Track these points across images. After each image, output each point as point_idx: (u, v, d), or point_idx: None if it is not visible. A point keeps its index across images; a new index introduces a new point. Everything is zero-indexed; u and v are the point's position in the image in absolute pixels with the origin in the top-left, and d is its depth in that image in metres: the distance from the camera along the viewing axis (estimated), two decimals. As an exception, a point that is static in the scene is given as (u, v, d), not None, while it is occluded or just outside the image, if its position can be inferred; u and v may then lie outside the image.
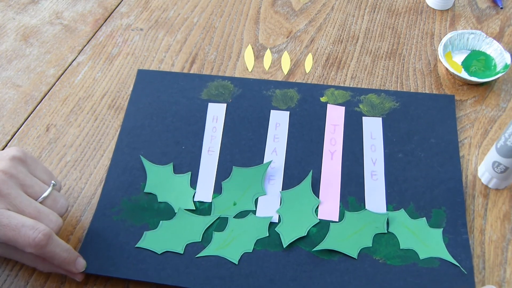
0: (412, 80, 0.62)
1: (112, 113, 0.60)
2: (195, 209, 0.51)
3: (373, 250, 0.48)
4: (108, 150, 0.57)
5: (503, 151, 0.48)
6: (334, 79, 0.62)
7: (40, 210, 0.42)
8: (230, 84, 0.61)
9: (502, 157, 0.48)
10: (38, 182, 0.44)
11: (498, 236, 0.49)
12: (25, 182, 0.42)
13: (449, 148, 0.55)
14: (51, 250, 0.41)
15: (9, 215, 0.40)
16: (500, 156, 0.49)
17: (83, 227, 0.50)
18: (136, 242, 0.49)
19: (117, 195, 0.52)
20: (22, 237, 0.39)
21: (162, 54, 0.67)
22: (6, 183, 0.41)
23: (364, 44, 0.67)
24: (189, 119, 0.58)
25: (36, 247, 0.40)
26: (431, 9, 0.71)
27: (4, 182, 0.40)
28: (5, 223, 0.39)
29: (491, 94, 0.60)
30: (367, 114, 0.58)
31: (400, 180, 0.52)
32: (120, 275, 0.46)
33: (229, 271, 0.46)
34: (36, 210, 0.42)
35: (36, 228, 0.40)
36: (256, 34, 0.69)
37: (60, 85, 0.64)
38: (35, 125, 0.59)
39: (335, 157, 0.54)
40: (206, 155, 0.55)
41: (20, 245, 0.40)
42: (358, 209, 0.51)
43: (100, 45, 0.68)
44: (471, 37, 0.64)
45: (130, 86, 0.63)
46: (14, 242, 0.40)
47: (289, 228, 0.49)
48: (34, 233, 0.40)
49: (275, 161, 0.54)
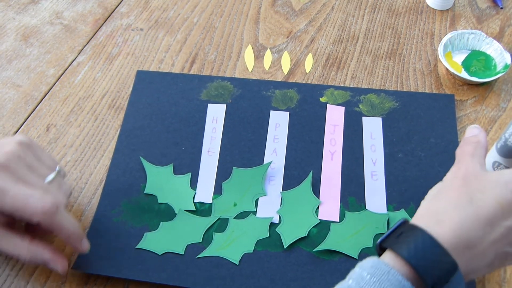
0: (412, 80, 0.62)
1: (112, 113, 0.60)
2: (196, 210, 0.51)
3: (373, 251, 0.48)
4: (108, 150, 0.57)
5: (503, 151, 0.48)
6: (334, 79, 0.62)
7: (47, 188, 0.43)
8: (230, 85, 0.61)
9: (502, 157, 0.48)
10: (43, 167, 0.44)
11: (498, 237, 0.49)
12: (32, 164, 0.43)
13: (449, 148, 0.55)
14: (59, 221, 0.41)
15: (19, 187, 0.40)
16: (500, 156, 0.49)
17: (83, 227, 0.50)
18: (136, 243, 0.49)
19: (117, 197, 0.52)
20: (30, 206, 0.40)
21: (162, 54, 0.67)
22: (14, 161, 0.41)
23: (364, 44, 0.67)
24: (188, 120, 0.58)
25: (45, 214, 0.40)
26: (431, 9, 0.71)
27: (12, 160, 0.41)
28: (14, 193, 0.40)
29: (491, 94, 0.60)
30: (367, 114, 0.58)
31: (400, 180, 0.52)
32: (121, 275, 0.46)
33: (230, 272, 0.46)
34: (43, 188, 0.42)
35: (45, 199, 0.40)
36: (256, 34, 0.68)
37: (60, 85, 0.64)
38: (35, 125, 0.59)
39: (335, 157, 0.54)
40: (206, 156, 0.55)
41: (28, 214, 0.40)
42: (359, 209, 0.51)
43: (100, 45, 0.68)
44: (471, 37, 0.64)
45: (130, 86, 0.63)
46: (22, 211, 0.40)
47: (289, 228, 0.49)
48: (42, 202, 0.40)
49: (275, 161, 0.54)
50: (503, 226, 0.35)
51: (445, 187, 0.39)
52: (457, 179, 0.38)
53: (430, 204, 0.38)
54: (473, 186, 0.37)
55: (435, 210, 0.37)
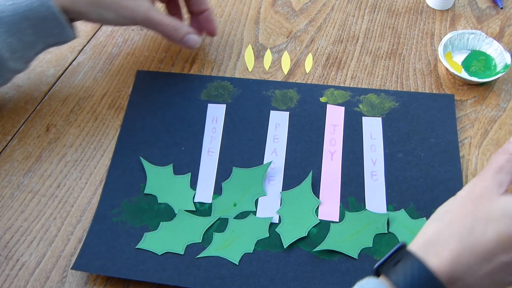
0: (412, 80, 0.62)
1: (112, 113, 0.60)
2: (195, 210, 0.51)
3: (373, 251, 0.48)
4: (108, 150, 0.57)
5: None
6: (334, 79, 0.62)
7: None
8: (230, 85, 0.61)
9: None
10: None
11: (498, 237, 0.49)
12: None
13: (449, 148, 0.55)
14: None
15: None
16: None
17: (83, 227, 0.50)
18: (136, 243, 0.49)
19: (117, 197, 0.52)
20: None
21: (162, 54, 0.66)
22: None
23: (364, 44, 0.67)
24: (188, 120, 0.58)
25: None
26: (431, 9, 0.71)
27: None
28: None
29: (491, 94, 0.60)
30: (367, 114, 0.58)
31: (400, 180, 0.52)
32: (121, 275, 0.46)
33: (230, 272, 0.46)
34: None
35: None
36: (256, 34, 0.68)
37: (60, 85, 0.64)
38: (35, 125, 0.59)
39: (335, 157, 0.54)
40: (206, 156, 0.55)
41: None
42: (359, 209, 0.51)
43: (100, 45, 0.68)
44: (471, 37, 0.64)
45: (130, 86, 0.63)
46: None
47: (289, 228, 0.49)
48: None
49: (275, 161, 0.54)
50: (500, 261, 0.35)
51: (454, 209, 0.38)
52: (468, 201, 0.37)
53: (434, 227, 0.37)
54: (480, 214, 0.36)
55: (436, 239, 0.36)
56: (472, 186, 0.39)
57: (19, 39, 0.51)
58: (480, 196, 0.37)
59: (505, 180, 0.38)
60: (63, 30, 0.53)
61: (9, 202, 0.53)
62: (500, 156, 0.39)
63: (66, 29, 0.54)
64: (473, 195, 0.38)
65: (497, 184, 0.38)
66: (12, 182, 0.54)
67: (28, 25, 0.51)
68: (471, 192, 0.38)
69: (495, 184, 0.38)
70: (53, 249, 0.49)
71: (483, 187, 0.38)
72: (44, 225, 0.51)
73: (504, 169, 0.38)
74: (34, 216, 0.52)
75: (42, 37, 0.53)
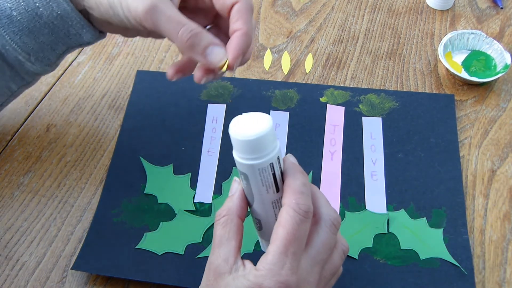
0: (412, 80, 0.62)
1: (112, 113, 0.60)
2: (195, 210, 0.51)
3: (373, 251, 0.48)
4: (108, 150, 0.57)
5: None
6: (334, 79, 0.62)
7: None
8: (230, 85, 0.61)
9: None
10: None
11: (498, 236, 0.49)
12: None
13: (449, 148, 0.55)
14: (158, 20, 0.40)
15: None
16: None
17: (83, 227, 0.50)
18: (136, 243, 0.49)
19: (117, 197, 0.52)
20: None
21: (162, 54, 0.66)
22: None
23: (364, 44, 0.67)
24: (188, 120, 0.58)
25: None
26: (431, 9, 0.71)
27: None
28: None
29: (491, 94, 0.60)
30: (367, 114, 0.58)
31: (400, 180, 0.52)
32: (121, 275, 0.46)
33: (230, 272, 0.46)
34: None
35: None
36: (256, 34, 0.68)
37: (60, 85, 0.64)
38: (35, 125, 0.59)
39: (335, 157, 0.54)
40: (206, 156, 0.55)
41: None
42: (359, 209, 0.51)
43: (100, 45, 0.68)
44: (471, 37, 0.64)
45: (130, 86, 0.63)
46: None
47: (289, 228, 0.49)
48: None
49: (275, 161, 0.54)
50: None
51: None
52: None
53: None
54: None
55: None
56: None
57: (34, 39, 0.46)
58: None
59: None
60: (81, 30, 0.46)
61: (9, 202, 0.53)
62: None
63: (85, 29, 0.46)
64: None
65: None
66: (12, 182, 0.54)
67: (42, 24, 0.45)
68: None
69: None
70: (53, 249, 0.49)
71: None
72: (44, 225, 0.51)
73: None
74: (34, 216, 0.52)
75: (61, 37, 0.46)
